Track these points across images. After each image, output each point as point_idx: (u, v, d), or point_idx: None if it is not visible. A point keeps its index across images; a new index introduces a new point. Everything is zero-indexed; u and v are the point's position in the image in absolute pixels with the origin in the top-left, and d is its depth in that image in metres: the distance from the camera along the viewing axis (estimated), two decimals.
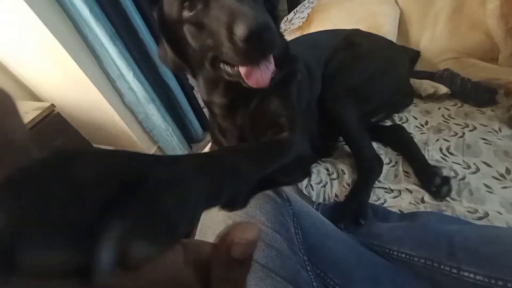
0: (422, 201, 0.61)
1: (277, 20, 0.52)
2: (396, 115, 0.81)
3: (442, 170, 0.63)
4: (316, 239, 0.46)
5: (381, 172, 0.68)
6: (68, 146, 0.50)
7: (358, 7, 0.99)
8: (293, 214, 0.47)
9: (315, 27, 1.06)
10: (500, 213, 0.55)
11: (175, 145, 1.45)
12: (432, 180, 0.61)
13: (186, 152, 1.51)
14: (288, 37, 1.15)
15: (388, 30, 0.93)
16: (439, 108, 0.80)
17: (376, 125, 0.79)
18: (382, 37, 0.82)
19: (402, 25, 0.96)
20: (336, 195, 0.68)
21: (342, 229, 0.55)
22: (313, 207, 0.63)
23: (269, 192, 0.47)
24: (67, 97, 1.30)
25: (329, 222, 0.49)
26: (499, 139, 0.66)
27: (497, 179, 0.60)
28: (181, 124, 1.49)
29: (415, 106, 0.83)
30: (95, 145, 1.46)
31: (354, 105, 0.68)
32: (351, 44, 0.74)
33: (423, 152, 0.69)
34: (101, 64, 1.13)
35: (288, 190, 0.51)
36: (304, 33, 1.11)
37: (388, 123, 0.80)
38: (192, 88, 1.58)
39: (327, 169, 0.73)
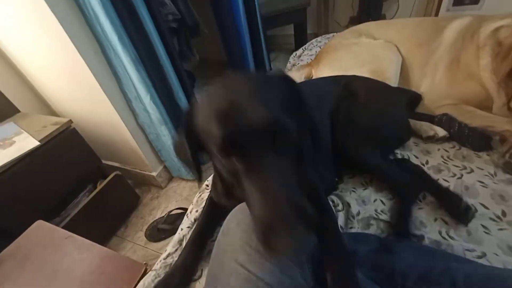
0: (423, 238, 0.64)
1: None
2: (398, 152, 0.86)
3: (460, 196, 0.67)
4: None
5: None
6: None
7: (364, 51, 1.09)
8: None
9: (323, 66, 1.15)
10: (497, 255, 0.58)
11: (181, 166, 1.49)
12: (459, 205, 0.65)
13: (191, 173, 1.54)
14: (297, 72, 1.25)
15: (391, 74, 1.01)
16: (438, 149, 0.85)
17: None
18: (377, 81, 0.93)
19: (404, 71, 1.05)
20: (341, 226, 0.71)
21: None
22: None
23: None
24: (84, 114, 1.36)
25: None
26: (495, 183, 0.71)
27: (494, 220, 0.64)
28: None
29: (416, 145, 0.88)
30: (104, 161, 1.49)
31: (373, 147, 0.76)
32: (352, 93, 0.83)
33: None
34: (120, 85, 1.20)
35: None
36: (313, 70, 1.21)
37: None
38: None
39: (333, 201, 0.77)
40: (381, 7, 2.38)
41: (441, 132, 0.86)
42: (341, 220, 0.72)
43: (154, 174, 1.52)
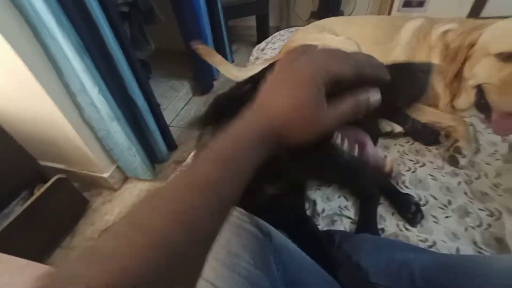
0: (383, 230, 0.67)
1: None
2: None
3: (412, 196, 0.72)
4: (296, 275, 0.47)
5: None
6: None
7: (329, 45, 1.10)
8: (273, 249, 0.48)
9: None
10: (444, 242, 0.63)
11: (137, 165, 1.37)
12: (409, 208, 0.68)
13: (148, 173, 1.43)
14: (262, 66, 1.22)
15: None
16: (395, 145, 0.90)
17: None
18: None
19: None
20: None
21: None
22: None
23: (251, 228, 0.48)
24: (14, 109, 1.15)
25: (307, 256, 0.51)
26: (443, 175, 0.77)
27: (441, 208, 0.70)
28: (146, 143, 1.42)
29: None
30: (42, 162, 1.30)
31: None
32: None
33: None
34: (61, 77, 1.04)
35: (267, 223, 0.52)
36: None
37: None
38: (159, 105, 1.54)
39: None
40: (340, 4, 2.45)
41: (397, 127, 0.91)
42: None
43: (105, 175, 1.37)
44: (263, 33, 2.52)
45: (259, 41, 1.70)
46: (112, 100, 1.16)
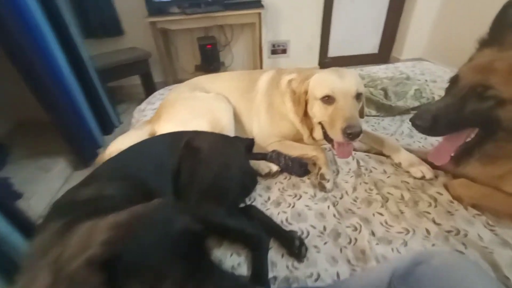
0: (275, 279, 0.68)
1: None
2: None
3: (295, 232, 0.76)
4: None
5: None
6: None
7: (200, 104, 1.15)
8: None
9: (164, 122, 1.12)
10: (327, 270, 0.68)
11: None
12: (293, 244, 0.72)
13: None
14: (139, 131, 1.16)
15: (226, 122, 1.11)
16: (275, 183, 0.97)
17: None
18: (219, 134, 0.97)
19: (238, 117, 1.19)
20: None
21: None
22: None
23: None
24: None
25: None
26: (316, 203, 0.87)
27: (319, 236, 0.77)
28: None
29: (259, 184, 0.98)
30: None
31: (218, 204, 0.75)
32: (193, 150, 0.82)
33: None
34: None
35: None
36: (155, 126, 1.15)
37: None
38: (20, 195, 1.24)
39: None
40: (218, 57, 2.71)
41: (274, 168, 0.99)
42: None
43: None
44: (150, 90, 2.49)
45: (148, 97, 1.66)
46: None
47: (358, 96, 0.91)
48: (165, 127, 1.11)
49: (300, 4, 2.80)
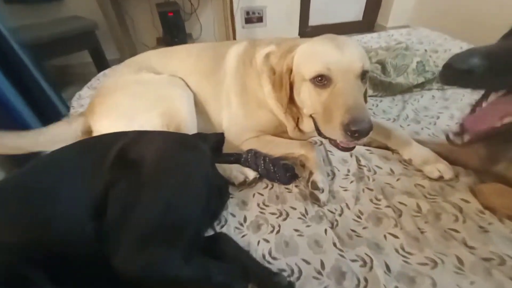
0: None
1: None
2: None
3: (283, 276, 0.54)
4: None
5: None
6: None
7: (148, 90, 0.84)
8: None
9: (99, 116, 0.82)
10: None
11: None
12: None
13: None
14: (68, 127, 0.85)
15: (185, 113, 0.83)
16: (254, 195, 0.73)
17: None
18: (170, 135, 0.68)
19: (200, 106, 0.90)
20: None
21: None
22: None
23: None
24: None
25: None
26: (308, 225, 0.64)
27: (316, 278, 0.55)
28: None
29: (232, 197, 0.73)
30: None
31: (166, 248, 0.48)
32: (130, 165, 0.54)
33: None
34: None
35: None
36: (90, 121, 0.85)
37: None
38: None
39: None
40: (183, 27, 2.30)
41: (251, 174, 0.75)
42: None
43: None
44: (103, 69, 2.09)
45: None
46: None
47: (363, 75, 0.65)
48: (101, 122, 0.81)
49: None
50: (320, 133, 0.72)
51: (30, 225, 0.46)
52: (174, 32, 2.22)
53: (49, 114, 1.78)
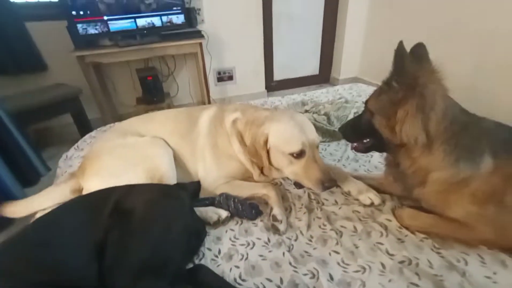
0: None
1: None
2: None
3: None
4: None
5: None
6: None
7: (131, 152, 1.01)
8: None
9: (90, 177, 0.96)
10: None
11: None
12: None
13: None
14: (57, 188, 0.98)
15: (166, 168, 1.00)
16: (226, 231, 0.88)
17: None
18: (156, 187, 0.84)
19: (179, 161, 1.08)
20: None
21: None
22: None
23: None
24: None
25: None
26: (270, 251, 0.80)
27: None
28: None
29: (208, 235, 0.88)
30: None
31: (154, 279, 0.61)
32: (123, 214, 0.69)
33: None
34: None
35: None
36: (80, 181, 0.98)
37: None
38: None
39: None
40: (161, 88, 2.58)
41: (223, 213, 0.91)
42: None
43: None
44: (84, 129, 2.23)
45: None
46: None
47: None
48: (92, 182, 0.95)
49: (241, 32, 2.87)
50: (296, 185, 1.00)
51: (45, 267, 0.58)
52: (153, 92, 2.48)
53: (28, 175, 1.85)
